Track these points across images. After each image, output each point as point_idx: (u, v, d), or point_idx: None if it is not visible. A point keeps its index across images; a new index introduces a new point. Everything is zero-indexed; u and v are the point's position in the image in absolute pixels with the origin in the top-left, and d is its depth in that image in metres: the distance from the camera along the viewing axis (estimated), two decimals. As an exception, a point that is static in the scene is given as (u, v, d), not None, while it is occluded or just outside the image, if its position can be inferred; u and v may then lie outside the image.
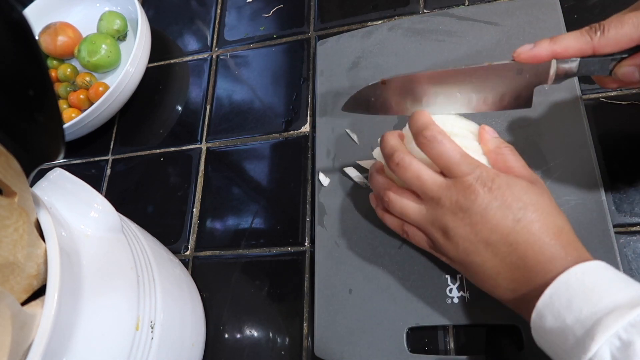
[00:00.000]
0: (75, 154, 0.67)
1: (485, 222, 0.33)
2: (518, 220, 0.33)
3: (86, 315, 0.32)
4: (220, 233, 0.55)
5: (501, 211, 0.33)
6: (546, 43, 0.34)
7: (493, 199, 0.33)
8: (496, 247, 0.33)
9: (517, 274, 0.33)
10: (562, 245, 0.32)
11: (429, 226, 0.37)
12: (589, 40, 0.32)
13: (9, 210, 0.30)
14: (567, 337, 0.28)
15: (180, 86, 0.66)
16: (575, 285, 0.29)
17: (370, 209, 0.48)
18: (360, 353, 0.43)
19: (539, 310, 0.30)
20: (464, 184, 0.34)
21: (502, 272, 0.33)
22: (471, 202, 0.34)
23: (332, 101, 0.55)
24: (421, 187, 0.36)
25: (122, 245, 0.40)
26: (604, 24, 0.32)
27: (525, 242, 0.32)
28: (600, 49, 0.32)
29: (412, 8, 0.58)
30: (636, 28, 0.31)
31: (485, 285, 0.35)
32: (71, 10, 0.73)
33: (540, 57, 0.34)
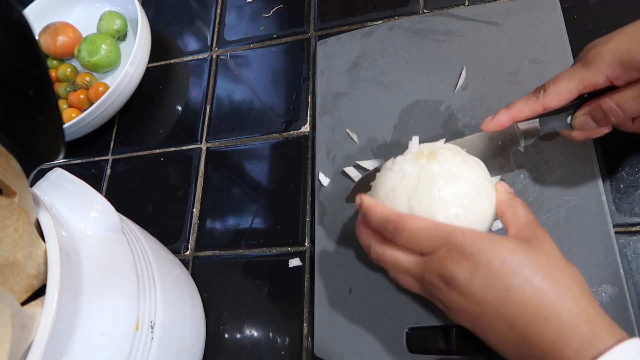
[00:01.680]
0: (75, 154, 0.67)
1: (473, 295, 0.30)
2: (508, 289, 0.29)
3: (86, 315, 0.32)
4: (220, 233, 0.55)
5: (488, 280, 0.29)
6: (503, 110, 0.38)
7: (476, 266, 0.30)
8: (493, 319, 0.29)
9: (525, 351, 0.29)
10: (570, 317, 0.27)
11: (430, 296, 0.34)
12: (536, 100, 0.36)
13: (9, 210, 0.30)
14: None
15: (180, 86, 0.66)
16: None
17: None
18: (360, 353, 0.43)
19: None
20: (439, 257, 0.31)
21: (508, 347, 0.30)
22: (452, 273, 0.30)
23: (332, 101, 0.55)
24: (404, 273, 0.34)
25: (122, 245, 0.40)
26: (545, 85, 0.36)
27: (521, 315, 0.28)
28: (547, 104, 0.36)
29: (412, 8, 0.58)
30: (570, 81, 0.35)
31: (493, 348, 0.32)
32: (71, 10, 0.73)
33: (501, 123, 0.37)
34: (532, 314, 0.28)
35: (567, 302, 0.28)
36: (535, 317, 0.28)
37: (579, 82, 0.34)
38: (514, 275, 0.29)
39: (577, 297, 0.28)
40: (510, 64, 0.49)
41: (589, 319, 0.27)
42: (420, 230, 0.32)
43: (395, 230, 0.33)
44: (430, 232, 0.32)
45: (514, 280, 0.29)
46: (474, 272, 0.30)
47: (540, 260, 0.29)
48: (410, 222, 0.32)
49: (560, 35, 0.48)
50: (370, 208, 0.35)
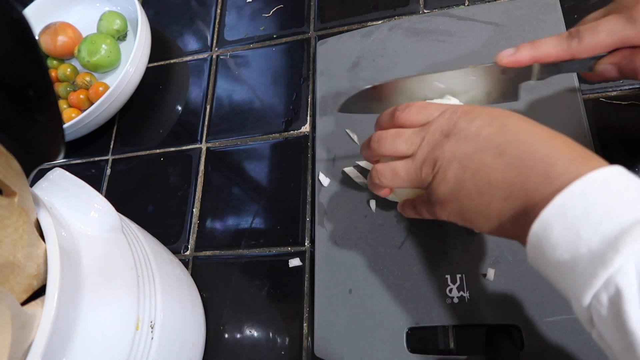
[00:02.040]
0: (75, 154, 0.67)
1: (469, 135, 0.31)
2: (504, 124, 0.31)
3: (86, 315, 0.32)
4: (220, 233, 0.55)
5: (485, 120, 0.31)
6: (527, 48, 0.35)
7: (476, 115, 0.32)
8: (484, 152, 0.30)
9: (512, 173, 0.29)
10: (563, 142, 0.28)
11: (420, 171, 0.34)
12: (567, 47, 0.34)
13: (9, 210, 0.30)
14: (579, 253, 0.24)
15: (180, 86, 0.66)
16: (595, 192, 0.25)
17: (370, 209, 0.48)
18: (360, 353, 0.43)
19: (545, 219, 0.25)
20: (443, 115, 0.34)
21: (494, 179, 0.29)
22: (453, 125, 0.32)
23: (332, 101, 0.55)
24: (404, 141, 0.35)
25: (122, 245, 0.40)
26: (580, 32, 0.34)
27: (516, 140, 0.29)
28: (577, 55, 0.34)
29: (412, 8, 0.58)
30: (610, 35, 0.33)
31: (480, 211, 0.31)
32: (71, 10, 0.73)
33: (522, 62, 0.36)
34: (526, 138, 0.29)
35: (561, 136, 0.29)
36: (528, 139, 0.29)
37: (620, 38, 0.32)
38: (511, 117, 0.31)
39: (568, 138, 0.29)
40: (510, 64, 0.49)
41: (577, 146, 0.28)
42: (430, 103, 0.36)
43: (408, 105, 0.36)
44: (439, 104, 0.35)
45: (511, 119, 0.31)
46: (473, 118, 0.32)
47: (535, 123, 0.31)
48: (417, 102, 0.37)
49: (560, 35, 0.48)
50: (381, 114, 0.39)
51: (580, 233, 0.24)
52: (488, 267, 0.42)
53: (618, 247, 0.23)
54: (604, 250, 0.23)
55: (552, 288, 0.40)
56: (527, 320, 0.40)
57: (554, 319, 0.39)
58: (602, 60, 0.34)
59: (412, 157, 0.35)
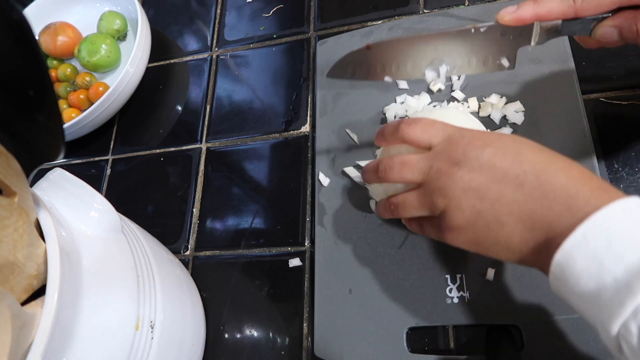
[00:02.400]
0: (75, 154, 0.67)
1: (483, 164, 0.31)
2: (519, 154, 0.30)
3: (86, 316, 0.32)
4: (220, 233, 0.55)
5: (499, 149, 0.31)
6: (530, 5, 0.34)
7: (486, 143, 0.31)
8: (502, 183, 0.30)
9: (534, 206, 0.29)
10: (579, 172, 0.28)
11: (431, 201, 0.33)
12: (571, 4, 0.33)
13: (9, 210, 0.30)
14: (604, 283, 0.24)
15: (180, 86, 0.66)
16: (616, 223, 0.25)
17: (370, 209, 0.48)
18: (360, 353, 0.43)
19: (567, 250, 0.26)
20: (450, 141, 0.33)
21: (515, 210, 0.29)
22: (462, 153, 0.31)
23: (332, 101, 0.55)
24: (411, 171, 0.35)
25: (122, 245, 0.40)
26: None
27: (534, 170, 0.29)
28: (582, 12, 0.33)
29: (412, 8, 0.58)
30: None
31: (499, 240, 0.30)
32: (71, 10, 0.73)
33: (524, 20, 0.35)
34: (544, 169, 0.29)
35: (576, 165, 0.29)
36: (547, 170, 0.29)
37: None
38: (524, 146, 0.31)
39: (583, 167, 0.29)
40: (510, 64, 0.49)
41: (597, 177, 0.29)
42: (435, 121, 0.35)
43: (413, 121, 0.35)
44: (444, 124, 0.35)
45: (524, 149, 0.31)
46: (485, 146, 0.31)
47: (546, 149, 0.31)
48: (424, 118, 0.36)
49: (560, 35, 0.48)
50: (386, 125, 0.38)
51: (604, 263, 0.24)
52: (488, 267, 0.42)
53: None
54: (629, 280, 0.23)
55: (552, 288, 0.40)
56: (527, 320, 0.40)
57: (554, 319, 0.39)
58: (603, 22, 0.34)
59: (422, 186, 0.34)
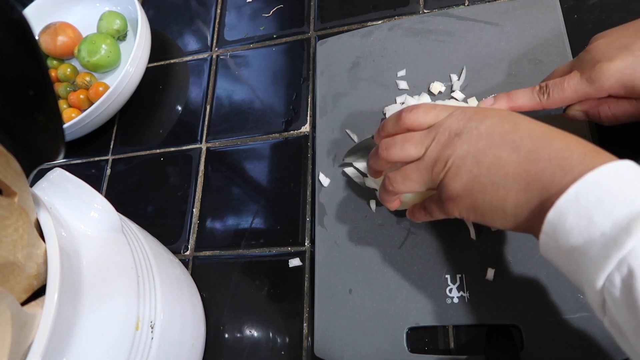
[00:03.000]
0: (75, 154, 0.67)
1: (481, 133, 0.32)
2: (516, 123, 0.32)
3: (86, 315, 0.32)
4: (220, 233, 0.55)
5: (497, 120, 0.32)
6: (504, 100, 0.40)
7: (486, 115, 0.33)
8: (499, 148, 0.31)
9: (528, 167, 0.30)
10: (574, 139, 0.30)
11: (431, 170, 0.34)
12: (538, 101, 0.39)
13: (9, 210, 0.30)
14: (593, 238, 0.25)
15: (180, 86, 0.66)
16: (607, 182, 0.26)
17: (370, 209, 0.48)
18: (360, 353, 0.43)
19: (560, 208, 0.26)
20: (452, 116, 0.34)
21: (510, 172, 0.30)
22: (464, 125, 0.33)
23: (332, 101, 0.55)
24: (414, 144, 0.35)
25: (122, 245, 0.40)
26: (550, 88, 0.38)
27: (530, 136, 0.31)
28: (547, 107, 0.39)
29: (412, 8, 0.58)
30: (574, 93, 0.37)
31: (495, 206, 0.31)
32: (71, 10, 0.73)
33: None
34: (539, 134, 0.31)
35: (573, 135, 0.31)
36: (542, 135, 0.31)
37: (582, 95, 0.37)
38: (523, 117, 0.33)
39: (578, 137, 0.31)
40: (510, 64, 0.49)
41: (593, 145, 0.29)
42: (435, 104, 0.36)
43: (414, 107, 0.37)
44: (443, 105, 0.36)
45: (523, 119, 0.32)
46: (485, 118, 0.33)
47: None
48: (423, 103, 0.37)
49: (560, 35, 0.48)
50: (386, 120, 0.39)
51: (594, 219, 0.25)
52: (488, 267, 0.42)
53: (630, 230, 0.24)
54: (616, 234, 0.24)
55: (552, 288, 0.40)
56: (527, 320, 0.40)
57: (554, 319, 0.39)
58: (573, 107, 0.40)
59: (422, 158, 0.35)
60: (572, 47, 0.47)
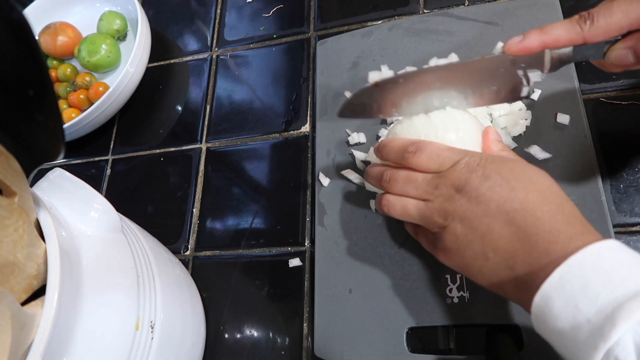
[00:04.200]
0: (75, 154, 0.67)
1: (480, 195, 0.32)
2: (513, 189, 0.31)
3: (86, 315, 0.32)
4: (220, 233, 0.55)
5: (496, 182, 0.32)
6: (536, 34, 0.34)
7: (488, 173, 0.32)
8: (493, 218, 0.31)
9: (516, 245, 0.30)
10: (564, 217, 0.30)
11: (430, 219, 0.35)
12: (579, 30, 0.32)
13: (9, 210, 0.30)
14: (579, 325, 0.25)
15: (180, 86, 0.66)
16: (591, 267, 0.26)
17: (370, 209, 0.48)
18: (360, 353, 0.43)
19: (545, 292, 0.27)
20: (456, 168, 0.34)
21: (500, 247, 0.31)
22: (465, 181, 0.33)
23: (332, 101, 0.55)
24: (416, 188, 0.36)
25: (122, 245, 0.40)
26: (593, 13, 0.32)
27: (523, 210, 0.31)
28: (590, 38, 0.32)
29: (412, 8, 0.58)
30: (625, 16, 0.31)
31: (484, 271, 0.32)
32: (71, 10, 0.73)
33: (531, 49, 0.34)
34: (532, 210, 0.30)
35: (564, 208, 0.31)
36: (534, 212, 0.30)
37: (637, 18, 0.31)
38: (519, 180, 0.32)
39: (570, 207, 0.31)
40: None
41: (579, 220, 0.30)
42: (442, 148, 0.35)
43: (418, 148, 0.36)
44: (451, 151, 0.35)
45: (519, 183, 0.32)
46: (485, 178, 0.32)
47: (542, 173, 0.33)
48: (430, 143, 0.36)
49: (560, 35, 0.48)
50: (390, 140, 0.39)
51: (579, 306, 0.26)
52: (488, 267, 0.42)
53: (615, 320, 0.24)
54: (602, 324, 0.24)
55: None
56: (527, 320, 0.40)
57: (554, 319, 0.39)
58: (615, 45, 0.33)
59: (424, 202, 0.35)
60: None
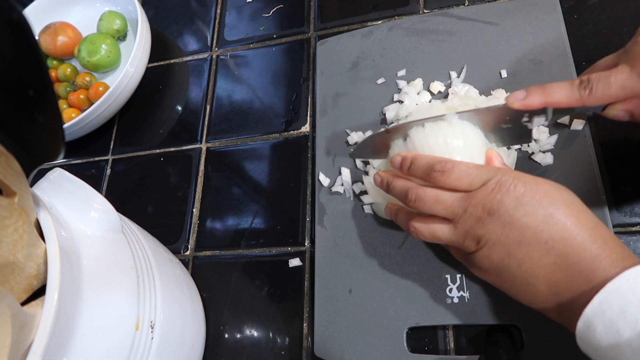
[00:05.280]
0: (75, 154, 0.67)
1: (515, 221, 0.31)
2: (550, 215, 0.31)
3: (86, 315, 0.32)
4: (220, 233, 0.55)
5: (531, 207, 0.31)
6: (538, 94, 0.36)
7: (521, 196, 0.32)
8: (530, 246, 0.31)
9: (558, 275, 0.30)
10: (603, 242, 0.30)
11: (462, 242, 0.35)
12: (578, 97, 0.35)
13: (9, 210, 0.30)
14: (621, 348, 0.26)
15: (180, 86, 0.66)
16: (629, 292, 0.27)
17: (370, 208, 0.48)
18: (360, 353, 0.43)
19: (587, 318, 0.28)
20: (487, 188, 0.33)
21: (541, 275, 0.31)
22: (498, 203, 0.32)
23: (332, 101, 0.55)
24: (444, 209, 0.35)
25: (122, 245, 0.40)
26: (592, 83, 0.34)
27: (562, 238, 0.30)
28: (588, 104, 0.35)
29: (412, 8, 0.58)
30: (622, 89, 0.34)
31: (523, 294, 0.33)
32: (71, 10, 0.73)
33: (533, 107, 0.37)
34: (571, 238, 0.30)
35: (600, 231, 0.31)
36: (573, 240, 0.30)
37: (631, 92, 0.34)
38: (556, 206, 0.31)
39: (605, 230, 0.31)
40: (510, 64, 0.49)
41: (617, 244, 0.30)
42: (471, 167, 0.35)
43: (445, 168, 0.35)
44: (480, 169, 0.34)
45: (556, 209, 0.31)
46: (519, 202, 0.32)
47: (574, 200, 0.32)
48: (458, 162, 0.35)
49: (560, 35, 0.48)
50: (416, 157, 0.38)
51: (620, 331, 0.27)
52: (488, 267, 0.42)
53: None
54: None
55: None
56: (527, 320, 0.40)
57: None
58: (614, 106, 0.36)
59: (453, 225, 0.35)
60: (572, 47, 0.47)
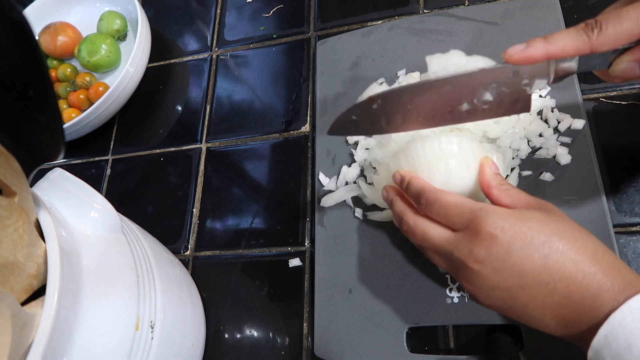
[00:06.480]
0: (75, 154, 0.67)
1: (510, 268, 0.30)
2: (547, 257, 0.29)
3: (86, 315, 0.32)
4: (220, 233, 0.55)
5: (524, 251, 0.30)
6: (540, 43, 0.31)
7: (510, 241, 0.30)
8: (533, 289, 0.30)
9: (564, 312, 0.29)
10: (604, 272, 0.29)
11: (456, 277, 0.34)
12: (586, 39, 0.31)
13: (9, 210, 0.30)
14: None
15: (180, 86, 0.66)
16: (632, 324, 0.26)
17: (370, 209, 0.48)
18: (360, 353, 0.43)
19: (596, 349, 0.27)
20: (471, 232, 0.31)
21: (548, 313, 0.30)
22: (487, 250, 0.30)
23: (332, 101, 0.55)
24: (432, 246, 0.34)
25: (122, 245, 0.40)
26: (601, 22, 0.30)
27: (563, 278, 0.29)
28: (598, 47, 0.31)
29: (412, 8, 0.58)
30: (636, 23, 0.29)
31: (532, 325, 0.32)
32: (71, 10, 0.73)
33: (535, 59, 0.32)
34: (572, 277, 0.29)
35: (600, 259, 0.29)
36: (575, 279, 0.29)
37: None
38: (550, 244, 0.29)
39: (604, 254, 0.30)
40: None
41: (619, 272, 0.29)
42: (451, 203, 0.33)
43: (427, 202, 0.34)
44: (460, 207, 0.32)
45: (551, 248, 0.29)
46: (510, 248, 0.30)
47: (566, 226, 0.31)
48: (441, 195, 0.33)
49: (560, 35, 0.48)
50: (413, 179, 0.37)
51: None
52: (488, 267, 0.42)
53: None
54: None
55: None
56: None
57: (554, 319, 0.39)
58: (622, 57, 0.31)
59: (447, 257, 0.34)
60: (572, 47, 0.47)
